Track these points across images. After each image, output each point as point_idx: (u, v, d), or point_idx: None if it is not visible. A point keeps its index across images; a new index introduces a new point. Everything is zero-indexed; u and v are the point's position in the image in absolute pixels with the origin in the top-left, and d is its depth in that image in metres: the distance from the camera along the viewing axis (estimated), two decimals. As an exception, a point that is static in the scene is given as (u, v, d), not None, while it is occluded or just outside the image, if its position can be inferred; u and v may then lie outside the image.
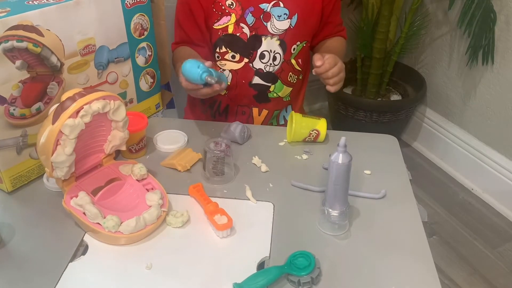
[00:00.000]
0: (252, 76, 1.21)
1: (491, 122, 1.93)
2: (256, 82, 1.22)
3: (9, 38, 0.80)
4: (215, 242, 0.81)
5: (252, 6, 1.14)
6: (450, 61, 2.04)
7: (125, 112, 0.86)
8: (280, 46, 1.19)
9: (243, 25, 1.16)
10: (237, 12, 1.14)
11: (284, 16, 1.16)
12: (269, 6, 1.15)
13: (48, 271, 0.74)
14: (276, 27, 1.17)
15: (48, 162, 0.78)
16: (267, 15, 1.16)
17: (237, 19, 1.15)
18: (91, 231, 0.80)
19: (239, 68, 1.21)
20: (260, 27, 1.16)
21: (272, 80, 1.23)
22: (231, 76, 1.22)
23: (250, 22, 1.15)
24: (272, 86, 1.23)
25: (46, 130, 0.77)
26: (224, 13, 1.15)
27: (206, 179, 0.94)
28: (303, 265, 0.73)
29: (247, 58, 1.19)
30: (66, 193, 0.82)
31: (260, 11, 1.15)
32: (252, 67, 1.20)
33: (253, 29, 1.16)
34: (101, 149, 0.89)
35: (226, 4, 1.14)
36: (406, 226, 0.85)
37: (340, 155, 0.77)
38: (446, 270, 1.68)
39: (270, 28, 1.17)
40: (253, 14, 1.15)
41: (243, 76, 1.21)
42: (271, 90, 1.24)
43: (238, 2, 1.14)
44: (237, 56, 1.19)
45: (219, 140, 0.94)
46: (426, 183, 2.07)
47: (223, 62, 1.21)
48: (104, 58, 0.98)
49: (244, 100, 1.25)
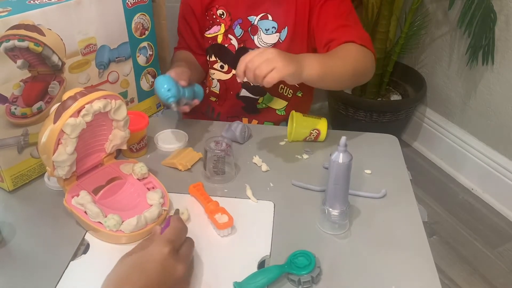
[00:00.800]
0: (239, 88, 1.20)
1: (491, 122, 1.94)
2: (244, 94, 1.21)
3: (10, 37, 0.80)
4: (215, 241, 0.81)
5: (241, 18, 1.12)
6: (450, 61, 2.05)
7: (126, 112, 0.86)
8: None
9: (231, 37, 1.14)
10: (226, 22, 1.12)
11: (272, 29, 1.11)
12: (256, 19, 1.11)
13: (49, 270, 0.75)
14: (263, 41, 1.13)
15: (49, 161, 0.78)
16: (255, 28, 1.12)
17: (226, 29, 1.13)
18: (92, 230, 0.80)
19: (228, 79, 1.20)
20: (247, 39, 1.13)
21: (259, 93, 1.20)
22: (219, 86, 1.21)
23: (238, 34, 1.13)
24: (261, 98, 1.21)
25: (47, 129, 0.77)
26: (215, 22, 1.14)
27: (207, 178, 0.94)
28: (303, 264, 0.73)
29: (235, 69, 1.14)
30: (67, 192, 0.83)
31: (248, 24, 1.12)
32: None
33: (241, 41, 1.14)
34: (102, 148, 0.89)
35: (217, 13, 1.12)
36: (406, 226, 0.85)
37: (340, 154, 0.77)
38: (446, 270, 1.68)
39: (257, 41, 1.13)
40: (241, 26, 1.12)
41: (231, 87, 1.20)
42: (259, 101, 1.22)
43: (228, 12, 1.12)
44: (225, 67, 1.18)
45: (219, 139, 0.94)
46: (426, 183, 2.07)
47: (212, 71, 1.20)
48: (105, 57, 0.98)
49: (233, 111, 1.24)
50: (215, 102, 1.25)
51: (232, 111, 1.24)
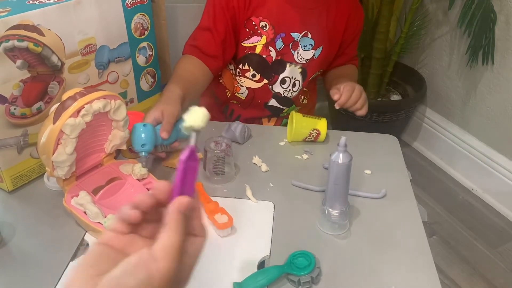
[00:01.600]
0: (269, 98, 1.24)
1: (491, 122, 1.94)
2: (272, 104, 1.25)
3: (9, 37, 0.80)
4: (215, 241, 0.81)
5: (284, 33, 1.15)
6: (450, 61, 2.04)
7: (126, 112, 0.86)
8: (301, 74, 1.21)
9: (271, 49, 1.16)
10: (269, 35, 1.14)
11: (309, 46, 1.18)
12: (299, 36, 1.16)
13: (48, 270, 0.75)
14: (301, 56, 1.19)
15: (49, 161, 0.78)
16: (296, 44, 1.17)
17: (267, 41, 1.15)
18: (92, 230, 0.80)
19: (257, 88, 1.22)
20: (287, 53, 1.17)
21: (287, 104, 1.26)
22: (247, 93, 1.23)
23: (279, 47, 1.16)
24: (286, 109, 1.27)
25: (47, 129, 0.77)
26: (255, 33, 1.15)
27: (207, 179, 0.94)
28: (303, 264, 0.73)
29: (267, 79, 1.20)
30: (67, 192, 0.82)
31: (291, 39, 1.16)
32: (271, 90, 1.22)
33: (279, 54, 1.17)
34: (101, 148, 0.89)
35: (259, 25, 1.14)
36: (406, 226, 0.85)
37: (340, 154, 0.77)
38: (446, 270, 1.68)
39: (297, 57, 1.18)
40: (283, 40, 1.16)
41: (260, 96, 1.23)
42: (284, 111, 1.28)
43: (272, 25, 1.14)
44: (257, 76, 1.20)
45: (219, 139, 0.94)
46: (426, 183, 2.07)
47: (242, 79, 1.22)
48: (104, 57, 0.98)
49: (256, 116, 1.27)
50: (236, 105, 1.27)
51: (255, 116, 1.27)
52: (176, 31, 1.24)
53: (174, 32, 1.24)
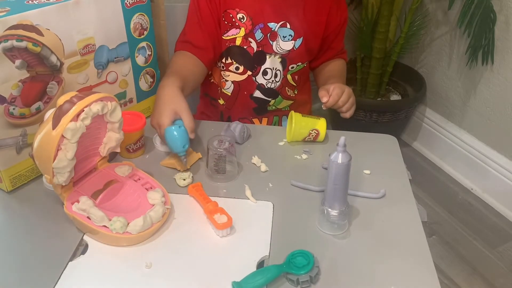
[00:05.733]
0: (254, 89, 1.23)
1: (491, 122, 1.93)
2: (257, 95, 1.24)
3: (8, 37, 0.80)
4: (214, 241, 0.81)
5: (262, 23, 1.15)
6: (450, 61, 2.04)
7: (121, 113, 0.85)
8: (281, 63, 1.21)
9: (251, 40, 1.17)
10: (247, 26, 1.15)
11: (289, 37, 1.18)
12: (277, 26, 1.16)
13: (47, 270, 0.74)
14: (280, 47, 1.19)
15: (48, 168, 0.76)
16: (274, 34, 1.17)
17: (246, 33, 1.16)
18: (96, 234, 0.79)
19: (242, 80, 1.22)
20: (266, 44, 1.18)
21: (272, 96, 1.25)
22: (233, 87, 1.23)
23: (258, 38, 1.17)
24: (272, 101, 1.26)
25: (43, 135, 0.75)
26: (233, 25, 1.15)
27: (209, 177, 0.94)
28: (302, 264, 0.73)
29: (250, 71, 1.21)
30: (66, 199, 0.81)
31: (268, 30, 1.16)
32: (254, 81, 1.22)
33: (260, 45, 1.17)
34: (96, 152, 0.88)
35: (236, 17, 1.14)
36: (406, 226, 0.85)
37: (339, 154, 0.77)
38: (446, 270, 1.68)
39: (276, 47, 1.18)
40: (262, 31, 1.16)
41: (245, 88, 1.23)
42: (271, 104, 1.26)
43: (249, 17, 1.14)
44: (240, 68, 1.20)
45: (223, 138, 0.94)
46: (426, 183, 2.07)
47: (226, 73, 1.22)
48: (103, 57, 0.98)
49: (244, 112, 1.26)
50: (222, 106, 1.26)
51: (243, 113, 1.26)
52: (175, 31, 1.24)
53: (174, 32, 1.24)
